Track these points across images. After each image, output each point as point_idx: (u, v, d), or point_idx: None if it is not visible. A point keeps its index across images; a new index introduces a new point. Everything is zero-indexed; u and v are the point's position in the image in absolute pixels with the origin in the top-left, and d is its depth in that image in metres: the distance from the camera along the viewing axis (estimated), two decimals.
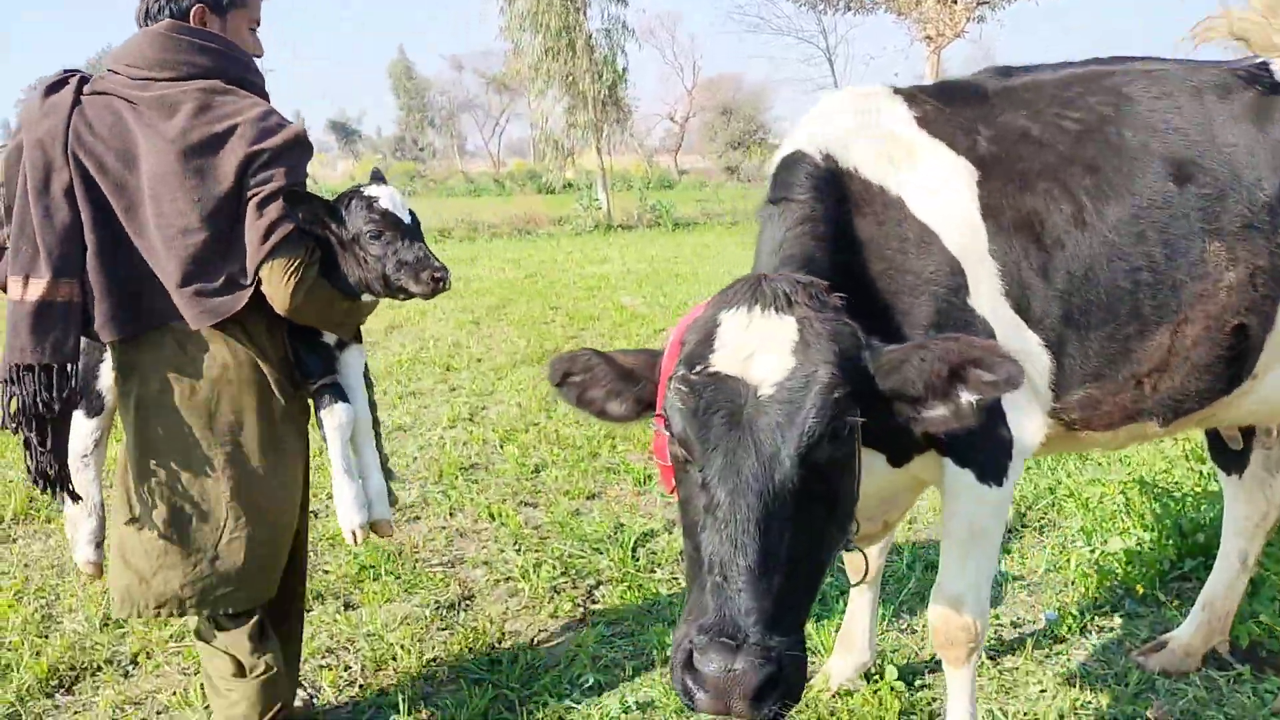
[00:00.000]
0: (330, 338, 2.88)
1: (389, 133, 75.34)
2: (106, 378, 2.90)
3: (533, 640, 3.81)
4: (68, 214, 2.54)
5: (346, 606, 4.13)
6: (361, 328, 3.02)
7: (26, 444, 2.60)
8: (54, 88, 2.62)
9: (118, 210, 2.58)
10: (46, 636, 3.87)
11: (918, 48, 26.89)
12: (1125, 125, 2.59)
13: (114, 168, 2.57)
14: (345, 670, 3.61)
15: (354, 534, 2.86)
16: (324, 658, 3.71)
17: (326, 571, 4.45)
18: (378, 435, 3.06)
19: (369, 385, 3.06)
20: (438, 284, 2.75)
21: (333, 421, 2.81)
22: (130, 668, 3.68)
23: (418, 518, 5.17)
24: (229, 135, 2.56)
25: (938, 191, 2.49)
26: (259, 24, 2.88)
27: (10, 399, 2.56)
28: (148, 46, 2.63)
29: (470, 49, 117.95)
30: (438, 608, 4.10)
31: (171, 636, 3.84)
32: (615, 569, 4.35)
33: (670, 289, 13.21)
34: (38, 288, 2.51)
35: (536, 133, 27.86)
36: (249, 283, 2.60)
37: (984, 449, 2.50)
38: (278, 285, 2.59)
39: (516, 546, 4.66)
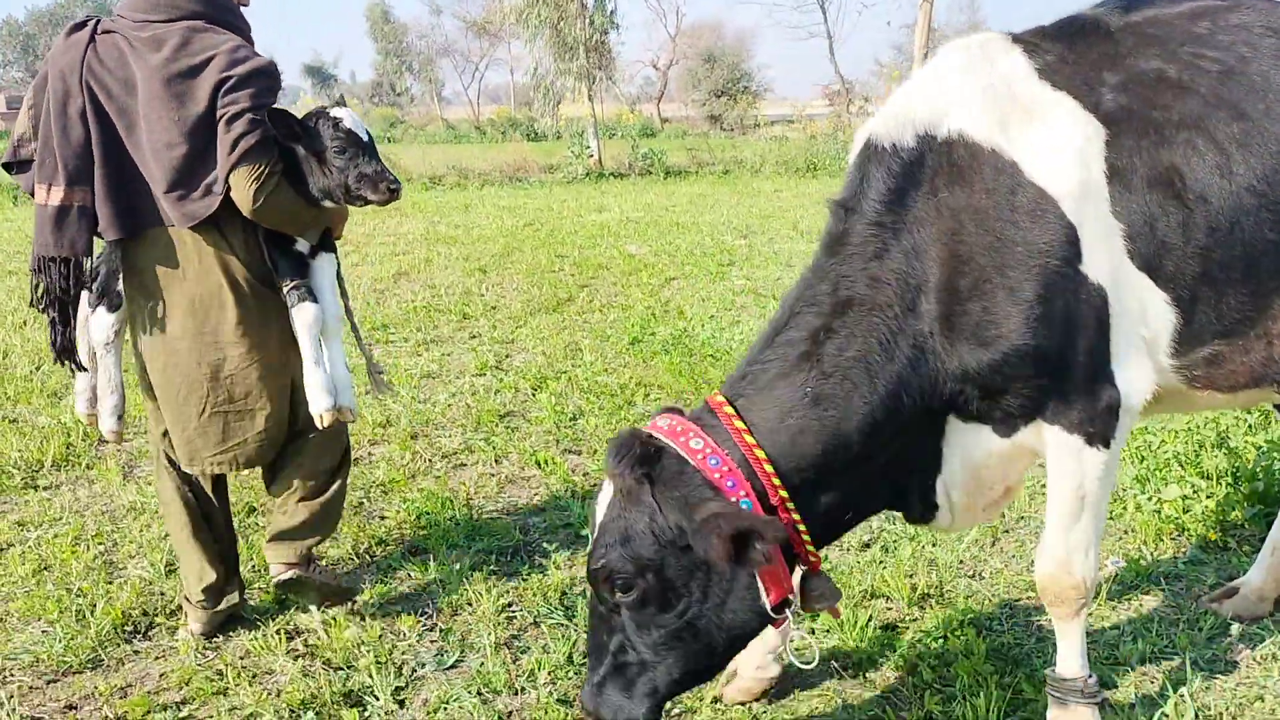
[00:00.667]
0: (303, 245, 3.30)
1: (365, 78, 74.15)
2: (123, 280, 3.32)
3: None
4: (81, 133, 3.07)
5: (411, 552, 4.13)
6: (339, 244, 3.49)
7: (51, 323, 3.21)
8: (76, 28, 3.16)
9: (120, 129, 3.09)
10: (112, 582, 3.85)
11: None
12: (1267, 64, 2.45)
13: (118, 94, 3.07)
14: (422, 615, 3.61)
15: (320, 416, 3.27)
16: (399, 602, 3.71)
17: (384, 518, 4.45)
18: (359, 338, 3.67)
19: (343, 292, 3.49)
20: (392, 194, 3.19)
21: (301, 318, 3.23)
22: None
23: (464, 464, 5.16)
24: (205, 65, 3.03)
25: (1060, 151, 2.39)
26: None
27: (38, 285, 3.15)
28: None
29: None
30: (501, 554, 4.10)
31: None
32: None
33: (673, 238, 13.15)
34: (57, 194, 3.06)
35: (528, 79, 27.42)
36: (220, 190, 3.05)
37: (1090, 412, 2.46)
38: (243, 190, 3.03)
39: (571, 494, 4.65)
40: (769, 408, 2.43)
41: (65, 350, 3.27)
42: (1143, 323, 2.44)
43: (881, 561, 3.85)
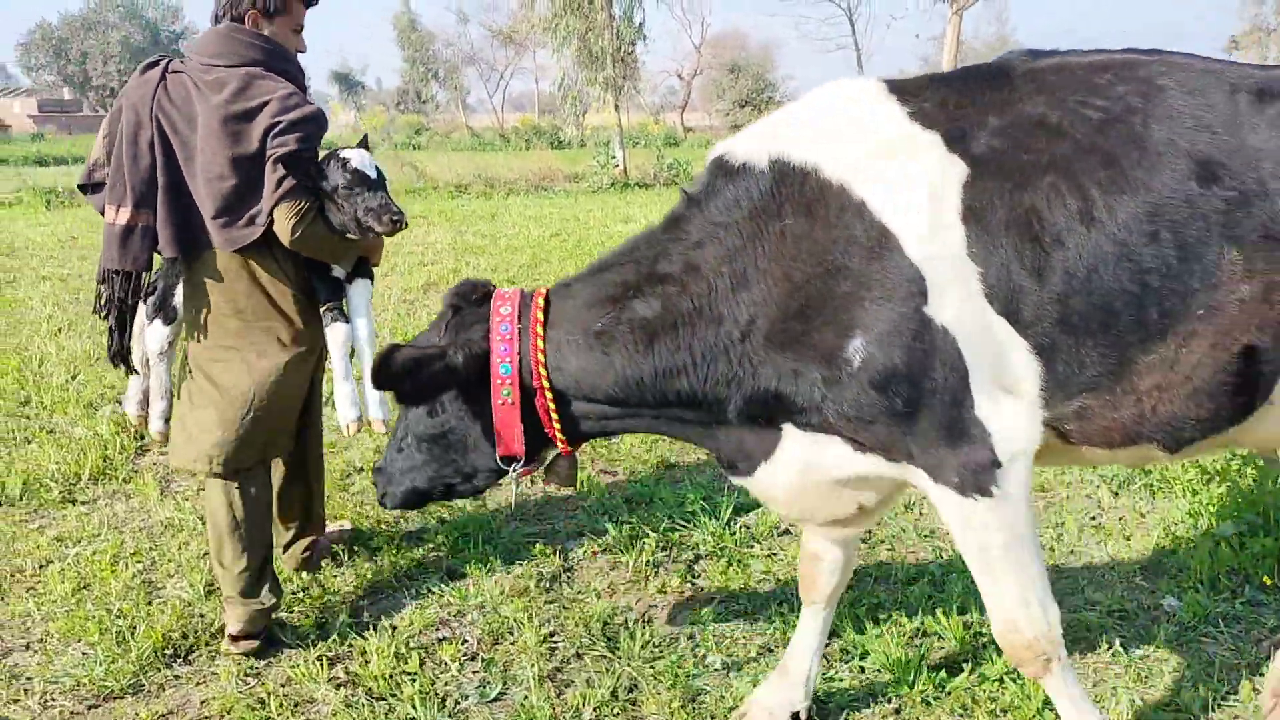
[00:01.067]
0: (340, 271, 3.60)
1: (391, 84, 74.49)
2: (179, 296, 3.70)
3: (645, 616, 3.77)
4: (149, 161, 3.38)
5: (450, 575, 4.09)
6: (376, 269, 3.77)
7: (109, 330, 3.57)
8: (149, 67, 3.51)
9: (180, 160, 3.40)
10: (151, 603, 3.82)
11: (940, 8, 26.52)
12: (1153, 117, 2.39)
13: (181, 128, 3.39)
14: (463, 644, 3.56)
15: (347, 427, 3.60)
16: (439, 629, 3.67)
17: (421, 539, 4.41)
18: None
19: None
20: (395, 225, 3.42)
21: (334, 337, 3.55)
22: None
23: (498, 484, 5.10)
24: (260, 110, 3.32)
25: (913, 191, 2.38)
26: (302, 28, 3.66)
27: (101, 294, 3.50)
28: (212, 41, 3.44)
29: (475, 1, 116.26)
30: (541, 579, 4.05)
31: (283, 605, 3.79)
32: (713, 543, 4.31)
33: None
34: (125, 214, 3.38)
35: (553, 87, 27.44)
36: (263, 222, 3.36)
37: (954, 460, 2.40)
38: (283, 223, 3.34)
39: (608, 517, 4.60)
40: (565, 319, 2.67)
41: (121, 355, 3.63)
42: (1006, 369, 2.39)
43: (930, 597, 3.78)
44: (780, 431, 2.59)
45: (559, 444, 2.77)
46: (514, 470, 2.78)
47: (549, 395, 2.65)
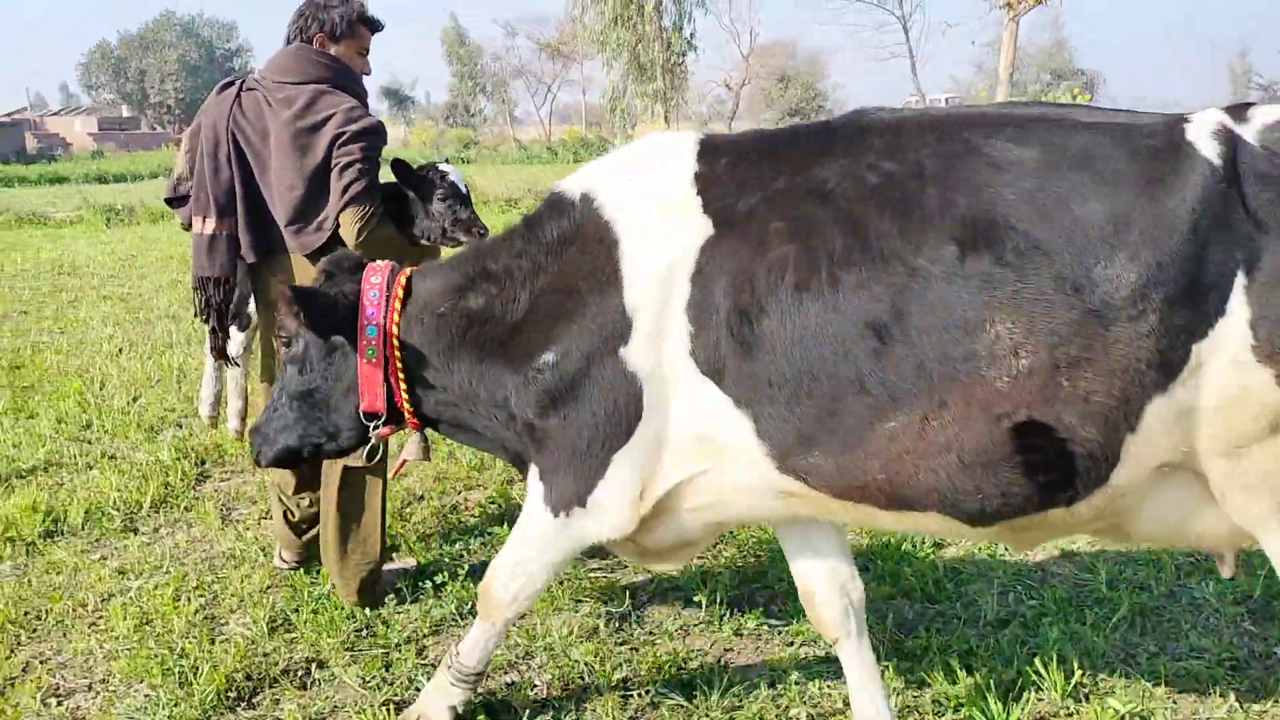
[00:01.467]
0: None
1: (439, 99, 75.25)
2: (251, 304, 4.18)
3: (722, 661, 3.60)
4: (228, 174, 3.68)
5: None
6: None
7: (211, 330, 3.97)
8: (225, 86, 3.82)
9: (255, 172, 3.69)
10: (214, 641, 3.73)
11: (996, 14, 26.09)
12: (940, 181, 2.31)
13: (255, 142, 3.67)
14: (532, 689, 3.42)
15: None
16: (506, 673, 3.53)
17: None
18: None
19: None
20: (481, 239, 3.69)
21: None
22: (305, 677, 3.53)
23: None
24: (325, 123, 3.59)
25: (654, 244, 2.57)
26: (367, 50, 3.92)
27: (198, 299, 3.84)
28: (283, 60, 3.74)
29: (523, 14, 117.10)
30: (610, 619, 3.90)
31: (342, 644, 3.68)
32: (787, 582, 4.12)
33: None
34: (210, 224, 3.68)
35: (601, 100, 27.45)
36: (330, 227, 3.61)
37: (553, 480, 2.77)
38: (349, 227, 3.59)
39: None
40: (418, 297, 2.95)
41: (221, 351, 4.10)
42: (701, 423, 2.54)
43: (1024, 641, 3.57)
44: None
45: (407, 415, 2.99)
46: (374, 429, 3.00)
47: (399, 364, 2.89)
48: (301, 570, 4.26)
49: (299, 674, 3.53)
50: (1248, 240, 2.11)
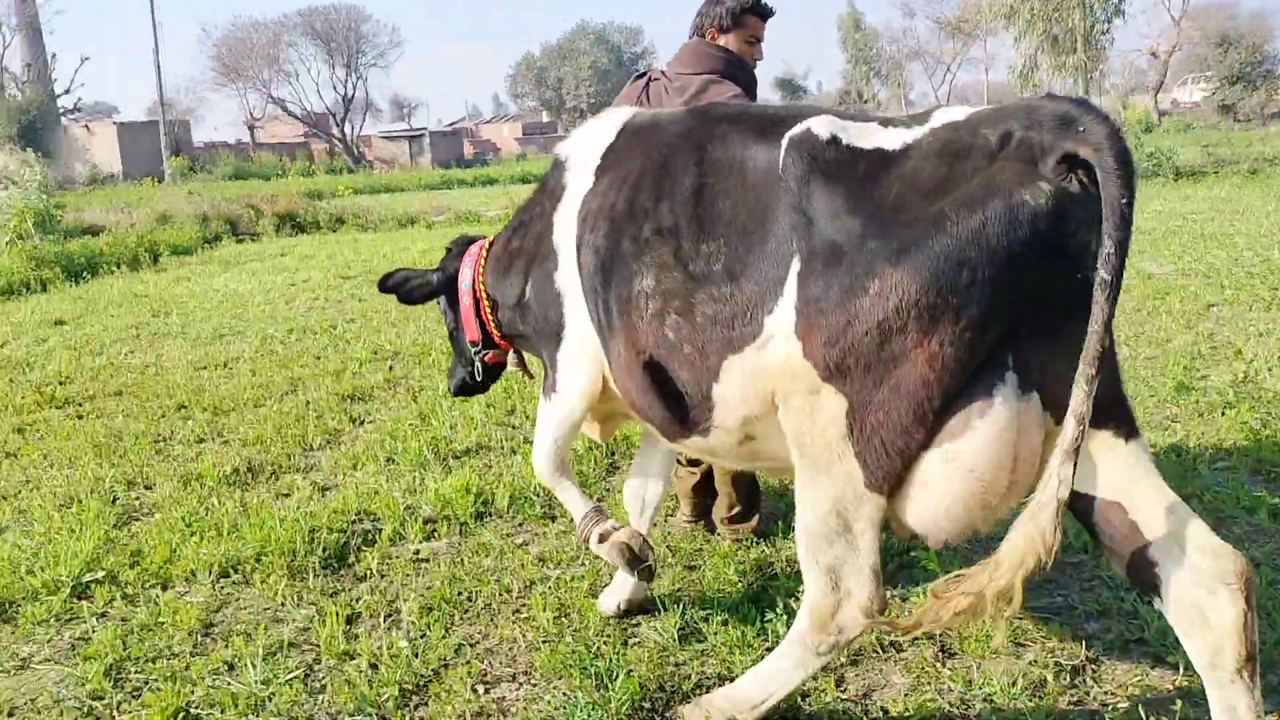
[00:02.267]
0: None
1: (832, 87, 74.78)
2: None
3: None
4: None
5: (944, 653, 3.50)
6: None
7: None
8: (638, 77, 4.37)
9: None
10: (627, 644, 3.66)
11: None
12: (672, 167, 2.93)
13: None
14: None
15: None
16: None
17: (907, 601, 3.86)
18: None
19: None
20: None
21: None
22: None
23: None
24: None
25: (573, 196, 3.30)
26: (758, 39, 4.27)
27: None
28: (682, 53, 4.20)
29: None
30: (1060, 670, 3.33)
31: (754, 662, 3.44)
32: None
33: (1201, 253, 11.23)
34: None
35: (1011, 76, 25.57)
36: None
37: (551, 374, 3.45)
38: None
39: (1137, 595, 3.74)
40: (494, 250, 3.79)
41: None
42: (576, 323, 3.29)
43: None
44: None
45: (496, 338, 3.81)
46: (478, 354, 3.89)
47: (485, 300, 3.75)
48: (710, 575, 4.12)
49: (710, 690, 3.34)
50: (804, 230, 2.49)
